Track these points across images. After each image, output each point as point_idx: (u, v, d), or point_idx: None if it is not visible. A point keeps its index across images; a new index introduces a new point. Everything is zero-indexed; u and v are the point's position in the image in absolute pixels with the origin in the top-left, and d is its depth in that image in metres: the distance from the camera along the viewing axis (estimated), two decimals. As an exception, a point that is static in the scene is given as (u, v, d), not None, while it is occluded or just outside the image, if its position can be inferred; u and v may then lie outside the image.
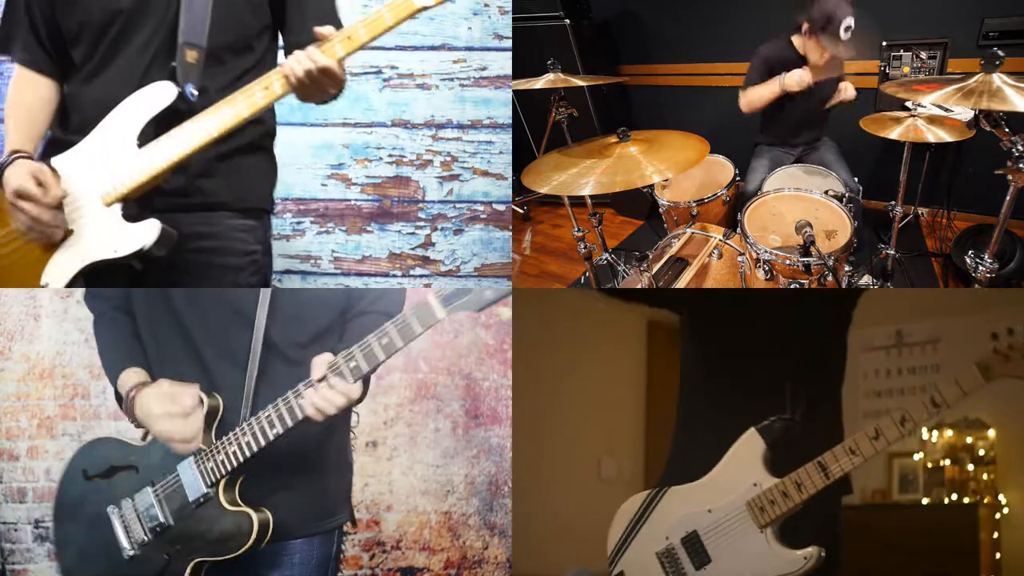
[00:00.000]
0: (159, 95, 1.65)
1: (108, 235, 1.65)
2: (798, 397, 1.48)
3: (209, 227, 1.76)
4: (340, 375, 1.45)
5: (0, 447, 2.74)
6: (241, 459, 1.51)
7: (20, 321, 2.75)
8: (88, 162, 1.66)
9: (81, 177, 1.66)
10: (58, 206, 1.63)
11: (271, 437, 1.49)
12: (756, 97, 3.17)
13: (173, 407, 1.51)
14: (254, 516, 1.52)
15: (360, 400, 1.51)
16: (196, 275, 1.74)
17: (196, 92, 1.66)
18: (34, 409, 2.75)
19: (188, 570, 1.54)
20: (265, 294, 1.57)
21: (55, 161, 1.67)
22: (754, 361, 1.54)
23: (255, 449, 1.50)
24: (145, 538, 1.58)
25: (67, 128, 1.74)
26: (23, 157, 1.65)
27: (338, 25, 1.76)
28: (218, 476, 1.53)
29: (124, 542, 1.59)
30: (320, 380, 1.45)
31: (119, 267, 1.65)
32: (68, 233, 1.66)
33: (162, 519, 1.56)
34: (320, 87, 1.64)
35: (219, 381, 1.56)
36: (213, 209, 1.76)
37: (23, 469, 2.74)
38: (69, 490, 1.67)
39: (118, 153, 1.65)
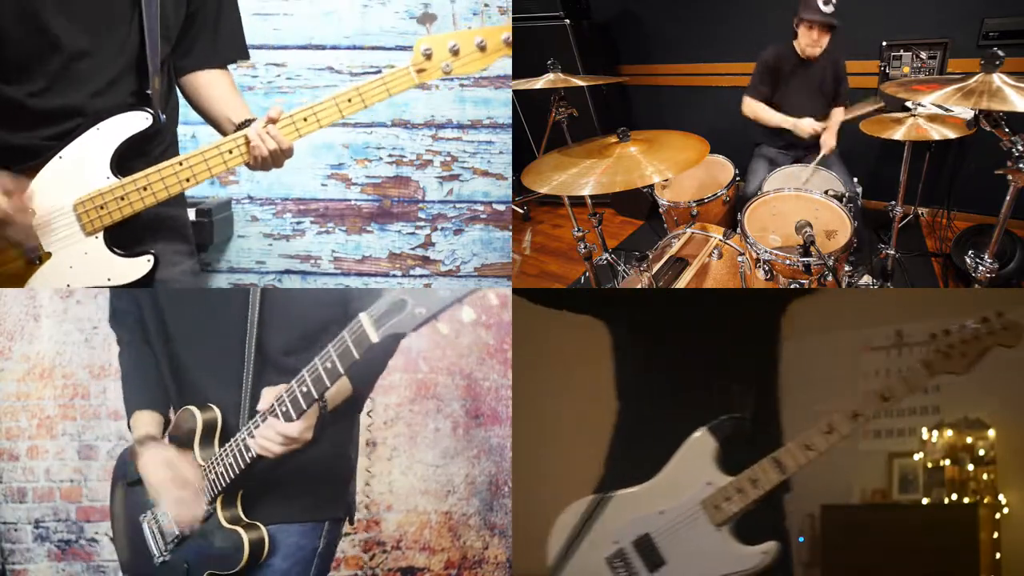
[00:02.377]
0: (133, 123, 1.66)
1: (97, 264, 1.66)
2: (745, 396, 1.49)
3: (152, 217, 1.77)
4: (277, 415, 1.44)
5: (0, 447, 2.74)
6: (229, 479, 1.52)
7: (20, 321, 2.75)
8: (62, 184, 1.64)
9: (54, 200, 1.64)
10: (25, 209, 1.61)
11: (248, 461, 1.50)
12: (762, 115, 3.30)
13: (173, 480, 1.53)
14: (244, 536, 1.51)
15: (314, 431, 1.48)
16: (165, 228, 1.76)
17: (164, 116, 1.70)
18: (34, 409, 2.75)
19: None
20: (256, 296, 1.57)
21: (33, 185, 1.65)
22: (688, 361, 1.54)
23: (237, 472, 1.51)
24: (168, 547, 1.61)
25: (32, 132, 1.69)
26: None
27: (246, 55, 1.87)
28: (214, 493, 1.54)
29: (153, 548, 1.62)
30: (263, 418, 1.46)
31: None
32: (46, 256, 1.65)
33: (177, 531, 1.59)
34: (275, 163, 1.69)
35: (218, 390, 1.57)
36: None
37: (23, 469, 2.74)
38: (116, 492, 1.72)
39: (93, 178, 1.64)
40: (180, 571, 1.59)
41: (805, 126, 3.18)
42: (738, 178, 3.21)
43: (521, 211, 4.59)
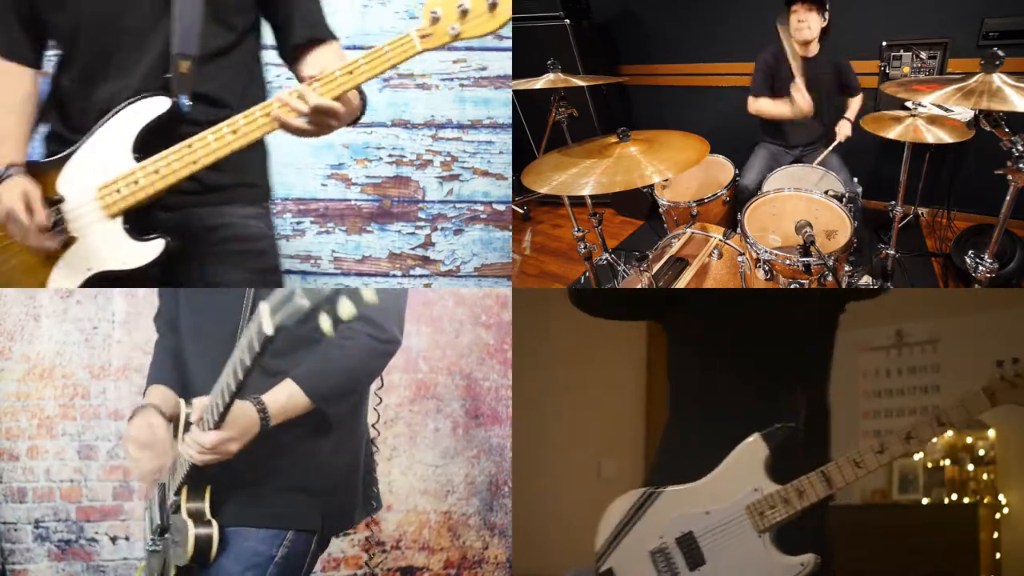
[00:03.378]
0: (152, 108, 1.66)
1: (115, 247, 1.68)
2: (799, 404, 1.49)
3: (222, 218, 1.79)
4: (201, 424, 1.45)
5: (0, 447, 2.74)
6: (183, 475, 1.53)
7: (20, 321, 2.75)
8: (85, 171, 1.67)
9: (80, 185, 1.67)
10: (45, 229, 1.64)
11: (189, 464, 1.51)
12: (767, 110, 3.30)
13: (144, 438, 1.56)
14: (191, 530, 1.50)
15: (250, 442, 1.47)
16: (225, 263, 1.77)
17: (189, 102, 1.68)
18: (34, 409, 2.75)
19: (172, 571, 1.58)
20: (249, 297, 1.58)
21: (63, 172, 1.68)
22: (748, 363, 1.54)
23: (187, 470, 1.52)
24: (153, 536, 1.64)
25: (69, 125, 1.74)
26: (18, 172, 1.65)
27: (324, 34, 1.83)
28: (179, 484, 1.55)
29: (148, 535, 1.66)
30: (187, 429, 1.47)
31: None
32: (72, 240, 1.68)
33: (159, 520, 1.61)
34: (318, 125, 1.65)
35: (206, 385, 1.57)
36: (222, 202, 1.79)
37: (23, 469, 2.74)
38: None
39: (115, 164, 1.66)
40: (161, 561, 1.63)
41: (800, 104, 3.14)
42: (738, 178, 3.21)
43: (521, 211, 4.59)
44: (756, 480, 1.46)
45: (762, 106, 3.31)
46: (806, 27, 3.13)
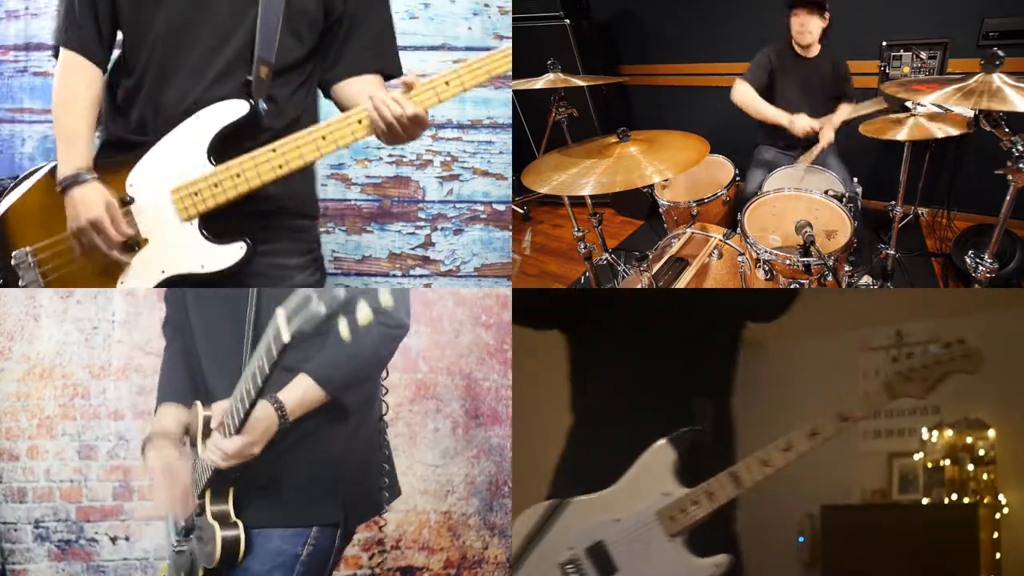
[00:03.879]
0: (232, 111, 1.67)
1: (191, 251, 1.67)
2: (705, 407, 1.50)
3: (272, 231, 1.80)
4: (222, 430, 1.46)
5: (0, 447, 2.74)
6: (207, 478, 1.53)
7: (20, 321, 2.75)
8: (160, 173, 1.67)
9: (153, 187, 1.67)
10: (126, 239, 1.65)
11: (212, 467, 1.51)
12: (753, 104, 3.24)
13: (166, 477, 1.57)
14: (218, 532, 1.50)
15: (274, 440, 1.49)
16: (264, 276, 1.77)
17: (266, 107, 1.70)
18: (34, 409, 2.75)
19: (200, 572, 1.58)
20: (253, 297, 1.58)
21: (133, 173, 1.68)
22: (647, 367, 1.54)
23: (210, 473, 1.52)
24: (178, 536, 1.64)
25: (126, 126, 1.74)
26: (93, 177, 1.65)
27: (394, 61, 1.88)
28: (201, 488, 1.55)
29: (172, 536, 1.66)
30: (207, 433, 1.49)
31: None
32: (144, 242, 1.68)
33: (182, 522, 1.62)
34: (407, 133, 1.68)
35: (226, 388, 1.56)
36: (274, 214, 1.80)
37: (23, 469, 2.74)
38: None
39: (191, 166, 1.66)
40: (188, 561, 1.62)
41: (801, 124, 3.15)
42: (738, 178, 3.21)
43: (521, 211, 4.59)
44: (665, 484, 1.46)
45: (759, 106, 3.25)
46: (807, 31, 3.13)
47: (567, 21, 4.24)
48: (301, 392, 1.51)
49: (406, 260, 2.66)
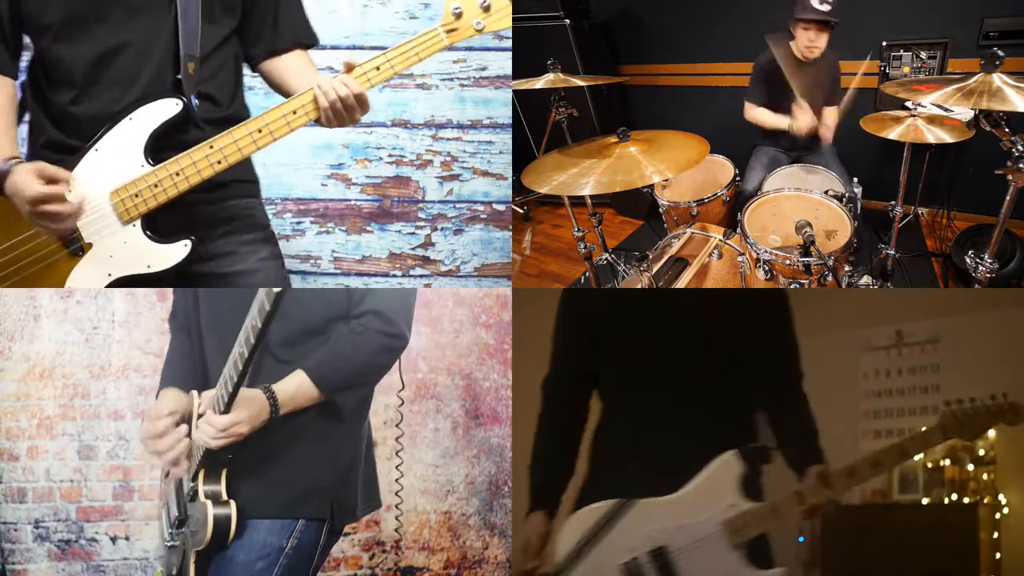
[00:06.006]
0: (164, 110, 1.68)
1: (136, 252, 1.69)
2: (777, 421, 1.52)
3: (224, 212, 1.82)
4: (214, 407, 1.49)
5: (0, 447, 2.74)
6: (199, 459, 1.56)
7: (20, 321, 2.75)
8: (98, 175, 1.67)
9: (93, 190, 1.67)
10: (61, 197, 1.63)
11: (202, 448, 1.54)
12: (763, 119, 3.30)
13: (152, 430, 1.57)
14: (210, 509, 1.52)
15: (259, 428, 1.51)
16: (226, 255, 1.80)
17: (198, 102, 1.71)
18: (34, 409, 2.75)
19: (192, 560, 1.59)
20: (260, 292, 1.58)
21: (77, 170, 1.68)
22: (711, 370, 1.54)
23: (201, 455, 1.55)
24: (171, 530, 1.65)
25: (65, 130, 1.73)
26: (18, 162, 1.64)
27: (309, 32, 1.89)
28: (195, 470, 1.57)
29: (165, 531, 1.67)
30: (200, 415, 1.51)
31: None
32: (88, 247, 1.68)
33: (177, 512, 1.63)
34: (351, 115, 1.71)
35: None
36: (226, 198, 1.82)
37: (23, 469, 2.74)
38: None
39: (128, 168, 1.67)
40: (180, 554, 1.63)
41: (801, 124, 3.15)
42: (738, 178, 3.21)
43: (521, 211, 4.59)
44: (731, 496, 1.47)
45: (761, 117, 3.30)
46: (815, 47, 3.13)
47: (567, 21, 4.24)
48: (295, 386, 1.54)
49: (406, 260, 2.66)
